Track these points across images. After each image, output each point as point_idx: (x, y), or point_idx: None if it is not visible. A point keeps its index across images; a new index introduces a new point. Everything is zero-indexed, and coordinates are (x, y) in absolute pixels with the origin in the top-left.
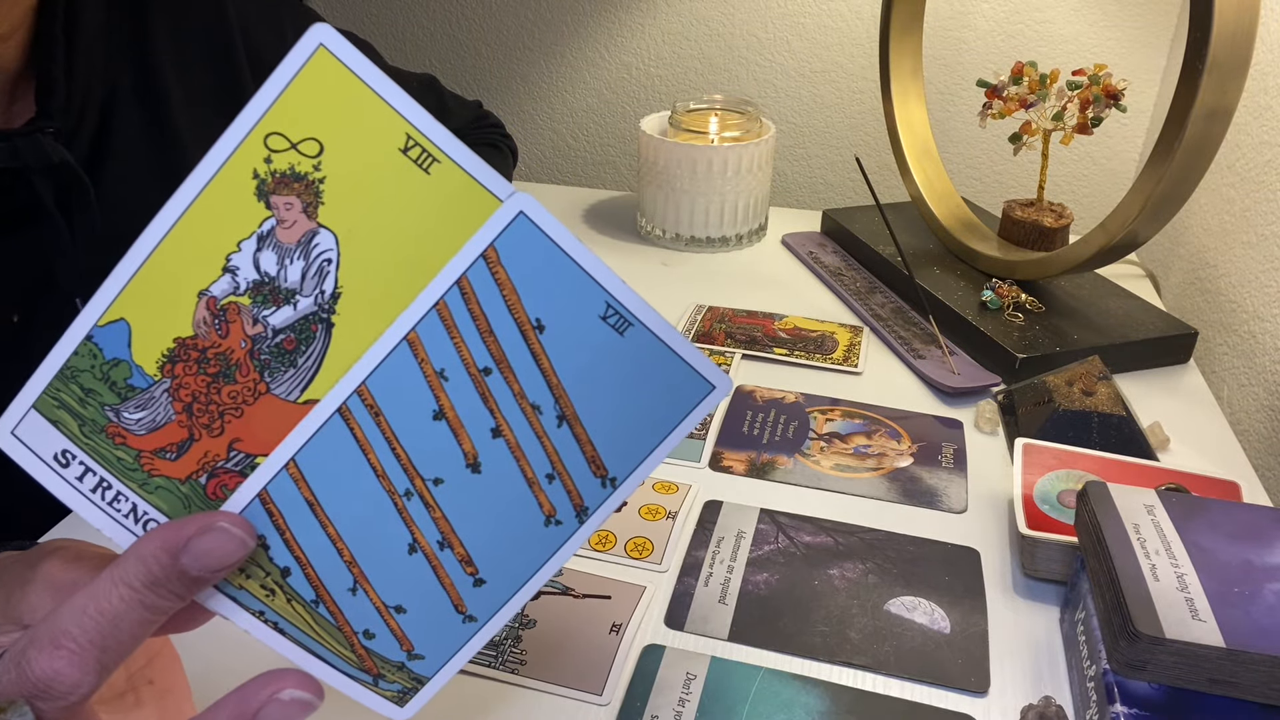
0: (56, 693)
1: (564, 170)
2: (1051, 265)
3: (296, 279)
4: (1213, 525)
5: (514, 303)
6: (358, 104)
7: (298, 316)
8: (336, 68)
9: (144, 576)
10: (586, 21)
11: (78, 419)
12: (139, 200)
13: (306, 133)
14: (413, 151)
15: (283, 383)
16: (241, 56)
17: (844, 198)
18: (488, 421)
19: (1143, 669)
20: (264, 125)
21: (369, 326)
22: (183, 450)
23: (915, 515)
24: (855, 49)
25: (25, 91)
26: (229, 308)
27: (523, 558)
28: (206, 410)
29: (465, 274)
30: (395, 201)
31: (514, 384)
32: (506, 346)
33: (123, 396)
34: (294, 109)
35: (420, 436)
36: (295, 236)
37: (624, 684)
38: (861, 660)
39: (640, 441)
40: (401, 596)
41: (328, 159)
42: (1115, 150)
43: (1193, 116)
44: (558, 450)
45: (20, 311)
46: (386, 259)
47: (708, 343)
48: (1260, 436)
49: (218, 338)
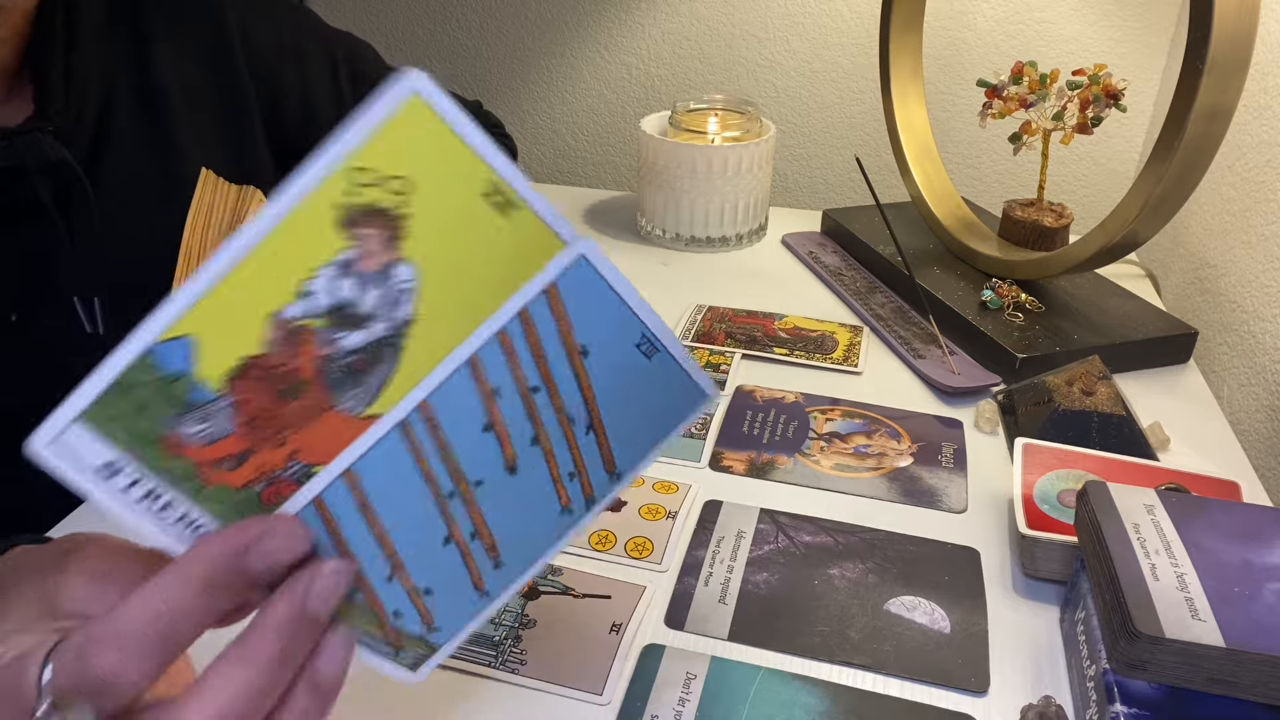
0: (117, 692)
1: (564, 170)
2: (1051, 265)
3: (373, 305)
4: (1213, 525)
5: (566, 333)
6: (446, 150)
7: (370, 340)
8: (428, 114)
9: (207, 577)
10: (586, 21)
11: (129, 430)
12: (137, 200)
13: (394, 171)
14: (494, 198)
15: (348, 400)
16: (240, 57)
17: (844, 198)
18: (529, 432)
19: (1143, 669)
20: (352, 161)
21: (435, 349)
22: (241, 461)
23: (915, 515)
24: (855, 49)
25: (23, 91)
26: (302, 330)
27: (537, 542)
28: (270, 424)
29: (527, 306)
30: (473, 240)
31: (556, 400)
32: (554, 369)
33: (183, 410)
34: (383, 149)
35: (470, 446)
36: (375, 266)
37: (624, 684)
38: (861, 660)
39: (645, 441)
40: (431, 581)
41: (413, 197)
42: (1115, 150)
43: (1193, 116)
44: (582, 454)
45: (18, 311)
46: (459, 290)
47: (708, 342)
48: (1260, 436)
49: (288, 358)
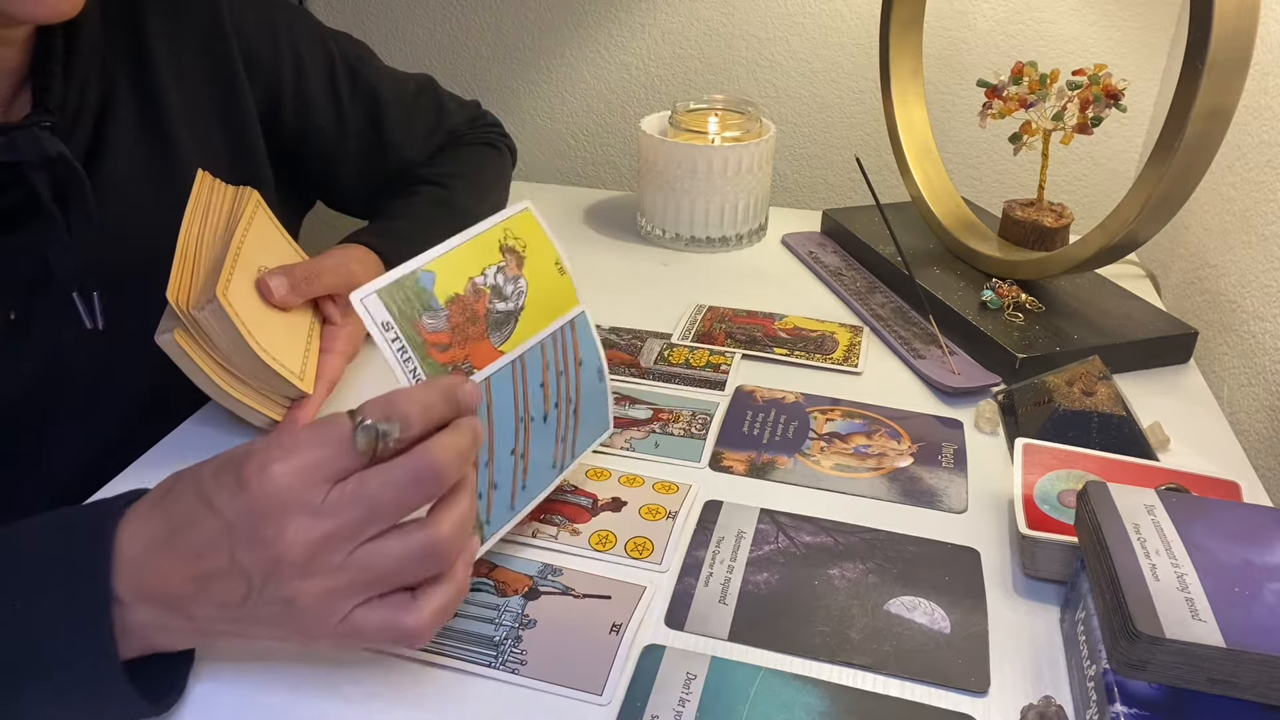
0: (408, 424)
1: (564, 170)
2: (1051, 265)
3: (510, 293)
4: (1213, 525)
5: (575, 347)
6: (541, 236)
7: (507, 309)
8: (534, 219)
9: (444, 391)
10: (586, 21)
11: (399, 309)
12: (134, 196)
13: (520, 236)
14: (558, 265)
15: (494, 337)
16: (236, 56)
17: (844, 198)
18: (554, 398)
19: (1143, 669)
20: (501, 227)
21: (527, 330)
22: (444, 350)
23: (915, 515)
24: (855, 49)
25: (24, 89)
26: (481, 291)
27: (542, 480)
28: (460, 335)
29: (563, 326)
30: (548, 279)
31: (564, 385)
32: (567, 366)
33: (425, 309)
34: (515, 224)
35: (533, 392)
36: (512, 273)
37: (624, 684)
38: (861, 660)
39: (583, 442)
40: (498, 480)
41: (528, 252)
42: (1115, 150)
43: (1193, 116)
44: (567, 427)
45: (17, 309)
46: (539, 305)
47: (708, 342)
48: (1260, 436)
49: (473, 301)
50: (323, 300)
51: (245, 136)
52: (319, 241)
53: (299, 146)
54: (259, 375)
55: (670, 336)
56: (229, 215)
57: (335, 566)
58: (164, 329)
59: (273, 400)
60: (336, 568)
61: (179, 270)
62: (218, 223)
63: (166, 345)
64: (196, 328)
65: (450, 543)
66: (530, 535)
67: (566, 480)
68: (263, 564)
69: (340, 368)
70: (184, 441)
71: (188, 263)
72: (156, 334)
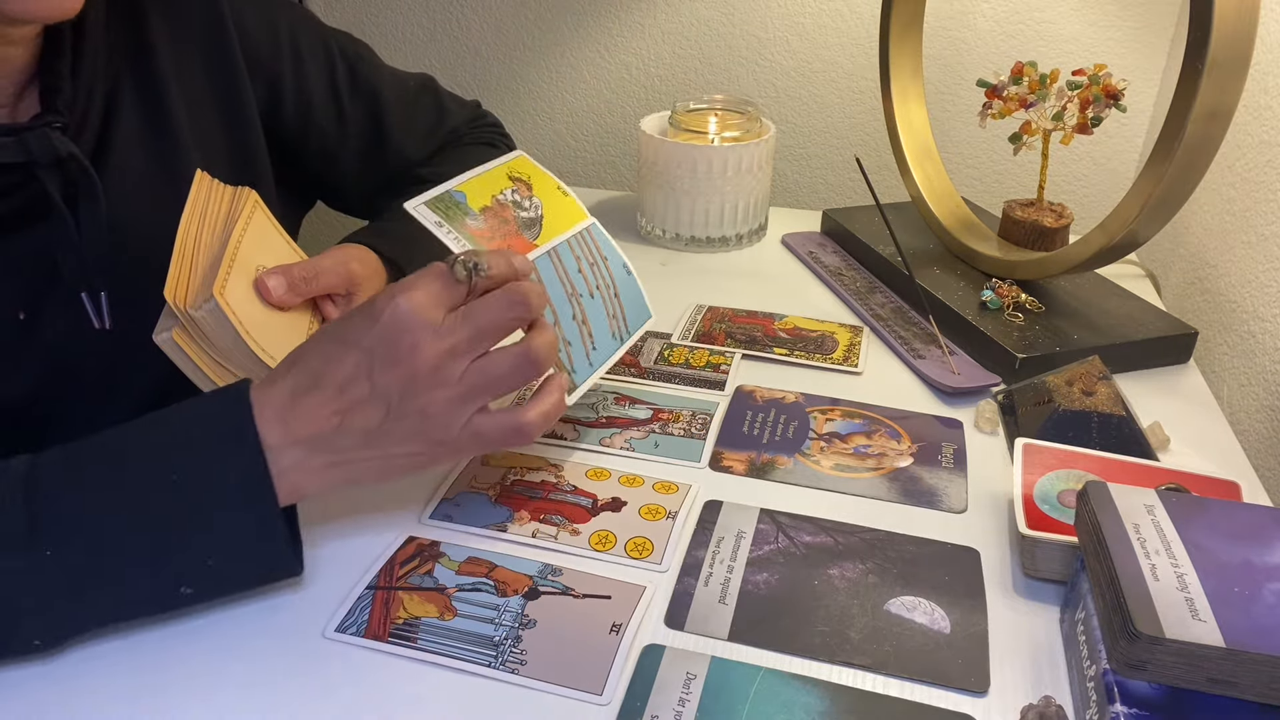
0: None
1: (564, 170)
2: (1051, 265)
3: (528, 206)
4: (1213, 525)
5: (597, 247)
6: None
7: (529, 216)
8: (528, 161)
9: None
10: (586, 21)
11: (446, 214)
12: (142, 195)
13: (522, 172)
14: (560, 189)
15: (527, 234)
16: (237, 54)
17: (844, 198)
18: (594, 282)
19: (1143, 669)
20: (505, 166)
21: (552, 232)
22: (490, 241)
23: (915, 515)
24: (855, 49)
25: (32, 90)
26: (504, 204)
27: (607, 347)
28: (499, 231)
29: (581, 230)
30: (555, 200)
31: (599, 273)
32: (596, 259)
33: (466, 214)
34: (517, 163)
35: (573, 275)
36: (524, 194)
37: (624, 684)
38: (861, 660)
39: (632, 321)
40: (570, 337)
41: (533, 180)
42: (1115, 150)
43: (1193, 116)
44: (615, 302)
45: (26, 308)
46: (554, 215)
47: (708, 343)
48: (1260, 436)
49: (501, 210)
50: (321, 300)
51: (246, 134)
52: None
53: (299, 145)
54: (258, 374)
55: (670, 336)
56: (227, 215)
57: (457, 377)
58: (162, 328)
59: None
60: (458, 378)
61: (177, 269)
62: (216, 222)
63: (165, 344)
64: (195, 327)
65: (542, 352)
66: (530, 535)
67: (566, 480)
68: (399, 381)
69: None
70: None
71: (186, 262)
72: (155, 333)
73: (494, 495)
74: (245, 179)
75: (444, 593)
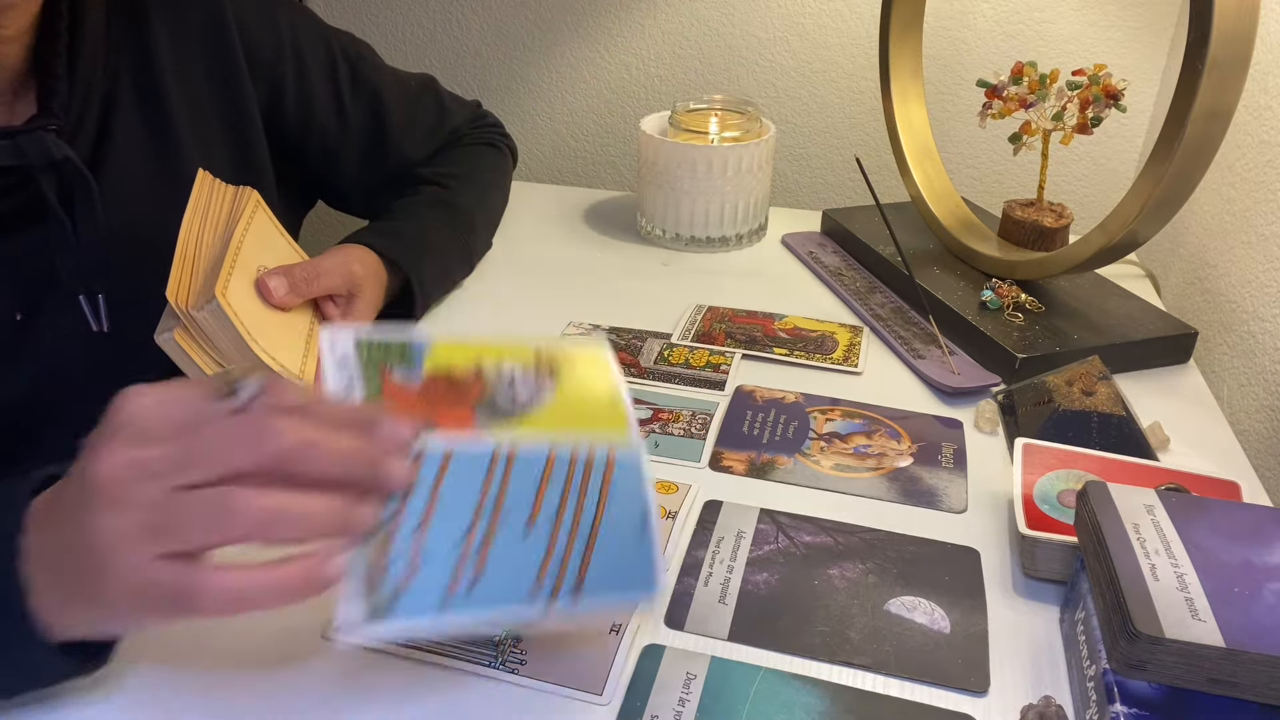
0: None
1: (564, 170)
2: (1051, 265)
3: (522, 389)
4: (1213, 525)
5: (604, 477)
6: (602, 371)
7: (506, 397)
8: (605, 360)
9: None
10: (586, 21)
11: (367, 355)
12: (140, 197)
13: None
14: (613, 399)
15: (480, 411)
16: (238, 53)
17: (844, 198)
18: (549, 512)
19: (1143, 669)
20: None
21: (541, 426)
22: (394, 400)
23: (915, 515)
24: (855, 49)
25: (28, 90)
26: (479, 377)
27: (502, 596)
28: (426, 394)
29: (595, 449)
30: (589, 405)
31: (579, 510)
32: (586, 490)
33: (400, 362)
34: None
35: (518, 490)
36: (528, 377)
37: (624, 684)
38: (861, 660)
39: (605, 590)
40: (428, 560)
41: (564, 370)
42: (1115, 150)
43: (1193, 116)
44: (568, 558)
45: (23, 310)
46: (569, 417)
47: (708, 342)
48: (1260, 436)
49: (465, 378)
50: (322, 300)
51: (247, 134)
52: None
53: (300, 145)
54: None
55: (670, 336)
56: (229, 215)
57: (143, 502)
58: (164, 328)
59: None
60: (144, 503)
61: (179, 270)
62: (217, 222)
63: (166, 345)
64: (196, 327)
65: (245, 504)
66: None
67: None
68: (73, 490)
69: None
70: None
71: (187, 262)
72: (156, 333)
73: None
74: (246, 179)
75: None
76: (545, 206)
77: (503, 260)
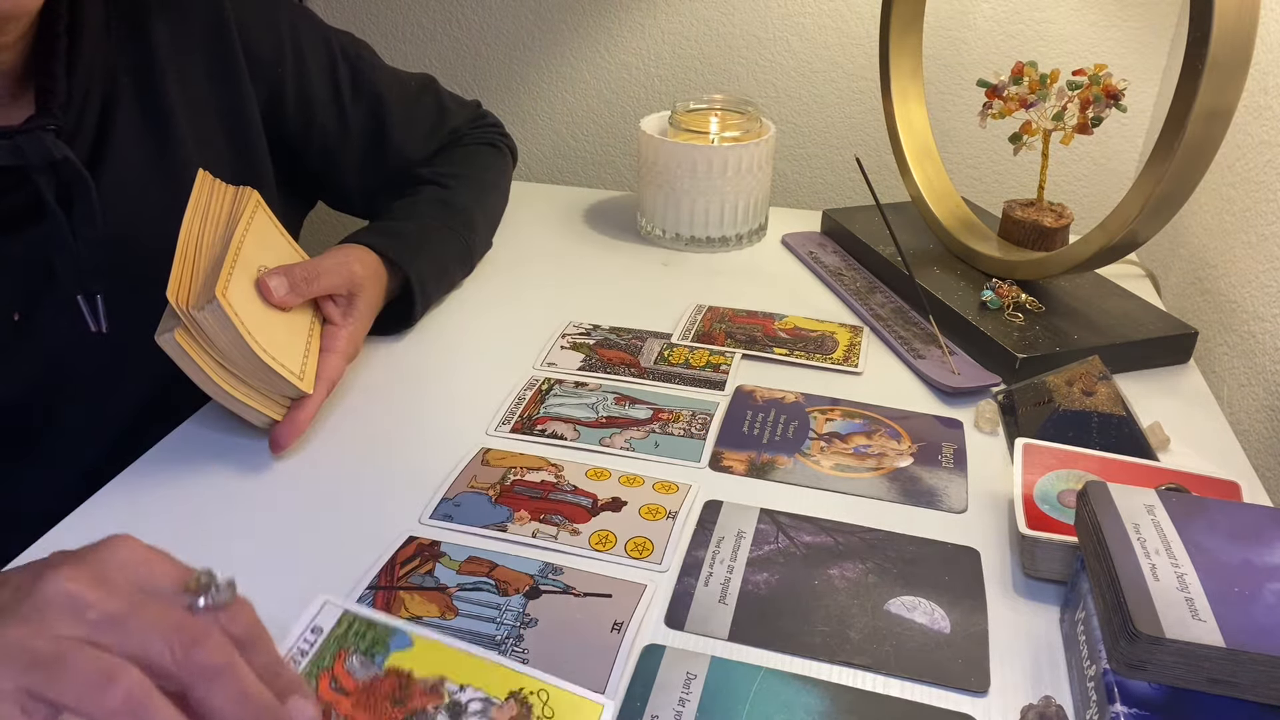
0: None
1: (564, 170)
2: (1051, 265)
3: (468, 709)
4: (1213, 525)
5: None
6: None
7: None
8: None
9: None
10: (586, 21)
11: (341, 632)
12: (139, 198)
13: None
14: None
15: None
16: (238, 54)
17: (844, 198)
18: None
19: (1143, 669)
20: (530, 686)
21: None
22: (341, 694)
23: (915, 515)
24: (855, 49)
25: (26, 91)
26: (438, 693)
27: None
28: (369, 702)
29: None
30: None
31: None
32: None
33: (361, 651)
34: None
35: None
36: (481, 702)
37: (624, 684)
38: (861, 660)
39: None
40: None
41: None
42: (1115, 150)
43: (1193, 116)
44: None
45: (21, 310)
46: None
47: (708, 342)
48: (1260, 436)
49: (419, 692)
50: (323, 300)
51: (248, 134)
52: (319, 241)
53: (300, 145)
54: (259, 375)
55: (670, 336)
56: (229, 215)
57: (53, 634)
58: (164, 328)
59: (273, 400)
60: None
61: (179, 270)
62: (218, 223)
63: (167, 345)
64: (196, 327)
65: (132, 692)
66: (530, 535)
67: (566, 480)
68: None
69: (340, 368)
70: (184, 442)
71: (188, 262)
72: (157, 333)
73: (494, 495)
74: (246, 179)
75: (445, 592)
76: (545, 206)
77: (503, 260)
